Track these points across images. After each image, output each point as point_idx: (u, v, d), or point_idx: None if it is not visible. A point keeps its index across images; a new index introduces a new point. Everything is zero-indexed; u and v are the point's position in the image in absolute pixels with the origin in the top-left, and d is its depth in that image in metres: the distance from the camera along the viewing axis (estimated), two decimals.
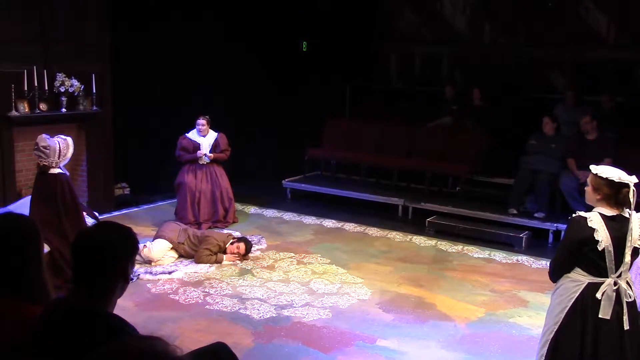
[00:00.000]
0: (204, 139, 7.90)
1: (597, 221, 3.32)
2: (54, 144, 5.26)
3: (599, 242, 3.29)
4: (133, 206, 8.61)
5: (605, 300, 3.33)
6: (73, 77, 7.58)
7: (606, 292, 3.33)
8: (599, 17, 10.06)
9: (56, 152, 5.24)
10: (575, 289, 3.40)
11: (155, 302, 5.51)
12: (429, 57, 11.66)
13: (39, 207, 5.25)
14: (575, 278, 3.41)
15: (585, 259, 3.37)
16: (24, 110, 7.24)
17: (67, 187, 5.32)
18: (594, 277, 3.36)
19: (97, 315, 2.22)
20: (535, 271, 6.57)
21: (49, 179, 5.27)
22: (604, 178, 3.35)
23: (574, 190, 7.52)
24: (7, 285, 2.38)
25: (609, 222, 3.32)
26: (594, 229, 3.30)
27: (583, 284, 3.38)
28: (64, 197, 5.26)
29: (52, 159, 5.25)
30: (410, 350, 4.73)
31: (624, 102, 9.22)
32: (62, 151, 5.28)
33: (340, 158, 9.79)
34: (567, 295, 3.42)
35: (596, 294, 3.34)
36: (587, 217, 3.34)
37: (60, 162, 5.32)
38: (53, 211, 5.23)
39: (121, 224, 2.42)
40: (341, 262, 6.67)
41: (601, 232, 3.29)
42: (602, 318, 3.34)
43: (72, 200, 5.34)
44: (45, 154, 5.23)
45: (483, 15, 10.96)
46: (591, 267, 3.37)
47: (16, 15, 7.17)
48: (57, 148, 5.24)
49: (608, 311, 3.33)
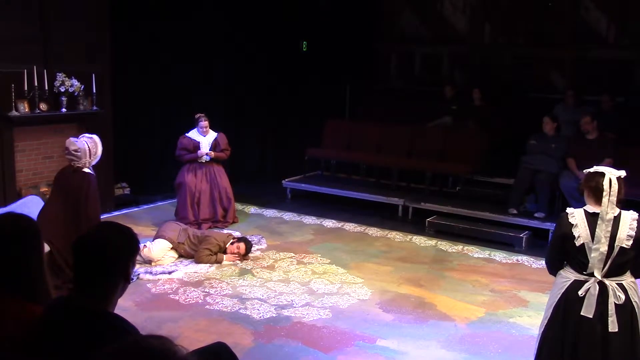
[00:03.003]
0: (204, 138, 7.91)
1: (578, 217, 3.37)
2: (83, 145, 5.32)
3: (577, 237, 3.33)
4: (133, 206, 8.61)
5: (587, 299, 3.34)
6: (73, 77, 7.58)
7: (589, 291, 3.34)
8: (599, 17, 10.07)
9: (87, 153, 5.31)
10: (562, 285, 3.45)
11: (155, 302, 5.51)
12: (429, 57, 11.67)
13: (57, 203, 5.34)
14: (564, 275, 3.48)
15: (569, 255, 3.43)
16: (24, 110, 7.24)
17: (93, 187, 5.36)
18: (579, 275, 3.40)
19: (97, 315, 2.22)
20: (535, 271, 6.57)
21: (78, 176, 5.32)
22: (587, 173, 3.45)
23: (574, 190, 7.49)
24: (7, 284, 2.38)
25: (591, 217, 3.35)
26: (572, 224, 3.36)
27: (569, 281, 3.42)
28: (88, 196, 5.29)
29: (84, 160, 5.32)
30: (410, 350, 4.73)
31: (624, 102, 9.23)
32: (92, 150, 5.35)
33: (340, 158, 9.79)
34: (556, 291, 3.49)
35: (579, 291, 3.36)
36: (570, 213, 3.42)
37: (92, 161, 5.40)
38: (73, 208, 5.27)
39: (121, 224, 2.42)
40: (341, 262, 6.67)
41: (580, 228, 3.34)
42: (584, 316, 3.34)
43: (95, 199, 5.37)
44: (78, 157, 5.30)
45: (483, 15, 10.96)
46: (575, 263, 3.41)
47: (16, 15, 7.17)
48: (87, 148, 5.31)
49: (590, 310, 3.33)
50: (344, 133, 9.94)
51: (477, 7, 10.99)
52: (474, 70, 10.95)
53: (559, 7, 10.29)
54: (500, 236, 7.51)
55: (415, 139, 9.46)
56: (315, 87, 10.49)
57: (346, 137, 9.90)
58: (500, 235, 7.52)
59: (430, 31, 11.48)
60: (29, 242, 2.47)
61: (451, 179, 9.14)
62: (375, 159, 9.51)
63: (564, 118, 8.56)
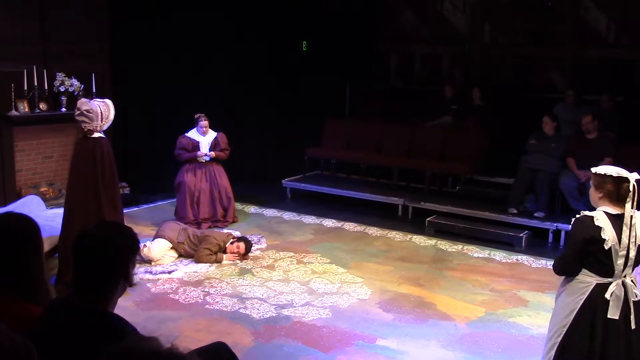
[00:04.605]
0: (204, 137, 7.91)
1: (602, 220, 3.31)
2: (96, 107, 5.18)
3: (605, 240, 3.28)
4: (133, 206, 8.60)
5: (613, 301, 3.32)
6: (73, 76, 7.58)
7: (614, 293, 3.33)
8: (599, 16, 10.06)
9: (99, 115, 5.18)
10: (584, 290, 3.38)
11: (155, 302, 5.51)
12: (428, 56, 11.67)
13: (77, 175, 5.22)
14: (582, 279, 3.40)
15: (592, 259, 3.35)
16: (23, 110, 7.24)
17: (107, 150, 5.25)
18: (602, 278, 3.35)
19: (97, 314, 2.23)
20: (535, 270, 6.58)
21: (90, 142, 5.20)
22: (604, 175, 3.36)
23: (573, 190, 7.53)
24: (7, 284, 2.38)
25: (614, 220, 3.32)
26: (600, 228, 3.29)
27: (591, 285, 3.36)
28: (103, 160, 5.19)
29: (96, 122, 5.17)
30: (410, 349, 4.73)
31: (624, 101, 9.24)
32: (104, 114, 5.22)
33: (340, 157, 9.80)
34: (576, 297, 3.40)
35: (605, 294, 3.32)
36: (593, 216, 3.33)
37: (103, 125, 5.26)
38: (91, 176, 5.14)
39: (122, 224, 2.43)
40: (341, 261, 6.67)
41: (607, 231, 3.29)
42: (610, 318, 3.33)
43: (110, 164, 5.27)
44: (89, 118, 5.14)
45: (483, 15, 10.96)
46: (598, 267, 3.35)
47: (16, 15, 7.17)
48: (99, 111, 5.17)
49: (616, 311, 3.32)
50: (343, 133, 9.94)
51: (477, 7, 10.99)
52: (474, 70, 10.95)
53: (559, 7, 10.28)
54: (500, 236, 7.51)
55: (415, 139, 9.47)
56: (315, 87, 10.48)
57: (346, 136, 9.90)
58: (500, 234, 7.52)
59: (430, 31, 11.48)
60: (28, 242, 2.47)
61: (451, 179, 9.15)
62: (375, 159, 9.51)
63: (564, 118, 8.56)
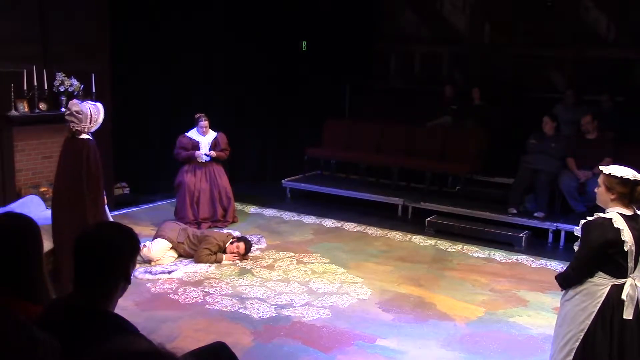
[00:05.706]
0: (204, 137, 7.91)
1: (620, 222, 3.29)
2: (86, 109, 5.25)
3: (625, 242, 3.27)
4: (133, 206, 8.60)
5: (628, 301, 3.33)
6: (73, 76, 7.58)
7: (629, 293, 3.33)
8: (599, 16, 10.08)
9: (88, 117, 5.23)
10: (600, 292, 3.36)
11: (155, 302, 5.51)
12: (428, 56, 11.67)
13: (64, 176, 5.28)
14: (598, 282, 3.38)
15: (610, 261, 3.34)
16: (23, 109, 7.23)
17: (93, 153, 5.29)
18: (616, 279, 3.35)
19: (98, 314, 2.22)
20: (535, 271, 6.58)
21: (78, 142, 5.25)
22: (618, 177, 3.33)
23: (573, 190, 7.53)
24: (7, 284, 2.38)
25: (630, 221, 3.31)
26: (620, 230, 3.27)
27: (607, 287, 3.35)
28: (89, 162, 5.23)
29: (84, 124, 5.23)
30: (409, 349, 4.73)
31: (623, 101, 9.24)
32: (94, 116, 5.27)
33: (340, 158, 9.80)
34: (593, 300, 3.38)
35: (621, 295, 3.32)
36: (611, 219, 3.30)
37: (92, 127, 5.31)
38: (77, 177, 5.20)
39: (122, 224, 2.42)
40: (341, 261, 6.67)
41: (626, 233, 3.27)
42: (625, 319, 3.33)
43: (96, 167, 5.31)
44: (78, 119, 5.20)
45: (483, 15, 10.97)
46: (614, 268, 3.34)
47: (16, 15, 7.17)
48: (89, 114, 5.24)
49: (631, 311, 3.33)
50: (343, 133, 9.94)
51: (477, 7, 11.00)
52: (474, 70, 10.96)
53: (559, 7, 10.29)
54: (500, 236, 7.51)
55: (415, 139, 9.47)
56: (315, 87, 10.49)
57: (346, 136, 9.90)
58: (500, 234, 7.52)
59: (430, 31, 11.49)
60: (28, 242, 2.46)
61: (451, 179, 9.15)
62: (374, 159, 9.52)
63: (564, 118, 8.57)
